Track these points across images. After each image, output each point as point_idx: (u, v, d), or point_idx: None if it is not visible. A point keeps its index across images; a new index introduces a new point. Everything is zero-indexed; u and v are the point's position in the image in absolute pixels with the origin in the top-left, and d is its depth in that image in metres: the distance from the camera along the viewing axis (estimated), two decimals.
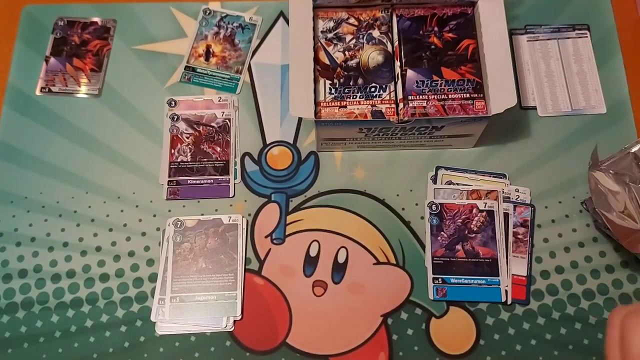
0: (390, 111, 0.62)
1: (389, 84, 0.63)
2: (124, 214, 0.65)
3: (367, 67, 0.63)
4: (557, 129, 0.68)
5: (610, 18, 0.73)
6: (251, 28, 0.73)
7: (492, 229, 0.63)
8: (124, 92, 0.71)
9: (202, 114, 0.69)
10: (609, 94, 0.69)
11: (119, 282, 0.63)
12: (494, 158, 0.67)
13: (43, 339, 0.61)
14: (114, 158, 0.68)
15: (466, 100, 0.61)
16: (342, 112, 0.61)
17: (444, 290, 0.62)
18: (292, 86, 0.60)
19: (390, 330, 0.61)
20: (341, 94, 0.62)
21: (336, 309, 0.61)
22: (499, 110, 0.59)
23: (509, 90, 0.59)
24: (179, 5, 0.74)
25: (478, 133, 0.64)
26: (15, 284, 0.63)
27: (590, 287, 0.62)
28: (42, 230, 0.65)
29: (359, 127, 0.61)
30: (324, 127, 0.61)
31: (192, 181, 0.66)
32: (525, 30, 0.72)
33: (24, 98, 0.70)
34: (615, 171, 0.59)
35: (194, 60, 0.72)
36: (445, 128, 0.62)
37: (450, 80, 0.62)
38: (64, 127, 0.69)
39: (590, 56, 0.71)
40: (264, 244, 0.64)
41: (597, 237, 0.64)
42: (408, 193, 0.66)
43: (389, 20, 0.66)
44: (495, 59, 0.61)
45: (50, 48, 0.72)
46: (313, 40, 0.62)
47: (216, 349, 0.60)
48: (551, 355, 0.60)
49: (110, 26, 0.73)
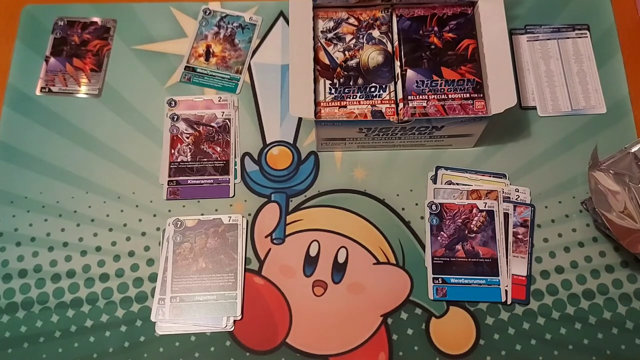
0: (390, 111, 0.62)
1: (389, 84, 0.63)
2: (124, 214, 0.65)
3: (367, 67, 0.63)
4: (557, 129, 0.68)
5: (610, 18, 0.73)
6: (251, 28, 0.73)
7: (492, 229, 0.63)
8: (124, 92, 0.71)
9: (202, 114, 0.69)
10: (608, 94, 0.69)
11: (119, 282, 0.63)
12: (494, 158, 0.67)
13: (43, 338, 0.61)
14: (114, 158, 0.68)
15: (466, 100, 0.61)
16: (342, 112, 0.61)
17: (444, 290, 0.62)
18: (292, 86, 0.60)
19: (390, 330, 0.61)
20: (341, 94, 0.62)
21: (336, 309, 0.61)
22: (499, 110, 0.59)
23: (509, 90, 0.59)
24: (179, 5, 0.74)
25: (478, 133, 0.64)
26: (15, 284, 0.63)
27: (590, 287, 0.62)
28: (42, 230, 0.65)
29: (359, 127, 0.61)
30: (324, 127, 0.61)
31: (192, 181, 0.66)
32: (525, 30, 0.72)
33: (24, 98, 0.70)
34: (615, 171, 0.59)
35: (194, 60, 0.72)
36: (445, 128, 0.62)
37: (450, 80, 0.62)
38: (64, 127, 0.69)
39: (590, 56, 0.71)
40: (264, 244, 0.64)
41: (597, 237, 0.64)
42: (408, 193, 0.66)
43: (389, 20, 0.66)
44: (495, 59, 0.61)
45: (50, 48, 0.72)
46: (313, 40, 0.62)
47: (216, 349, 0.60)
48: (551, 355, 0.60)
49: (110, 26, 0.73)
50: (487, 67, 0.61)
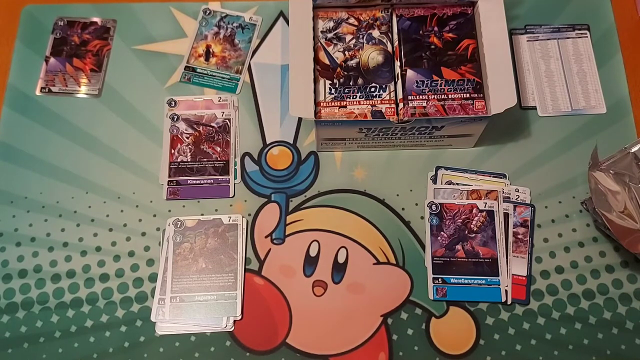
0: (390, 111, 0.62)
1: (389, 84, 0.63)
2: (124, 214, 0.65)
3: (367, 67, 0.63)
4: (557, 129, 0.68)
5: (610, 18, 0.73)
6: (251, 28, 0.73)
7: (492, 229, 0.63)
8: (124, 92, 0.71)
9: (202, 114, 0.69)
10: (608, 93, 0.69)
11: (119, 282, 0.63)
12: (494, 158, 0.67)
13: (43, 339, 0.61)
14: (114, 158, 0.68)
15: (466, 100, 0.61)
16: (342, 112, 0.61)
17: (444, 290, 0.62)
18: (292, 86, 0.59)
19: (390, 330, 0.61)
20: (341, 94, 0.62)
21: (336, 309, 0.61)
22: (499, 110, 0.59)
23: (509, 90, 0.59)
24: (179, 5, 0.74)
25: (478, 133, 0.64)
26: (15, 284, 0.63)
27: (590, 287, 0.62)
28: (42, 230, 0.65)
29: (359, 127, 0.61)
30: (324, 127, 0.61)
31: (192, 181, 0.66)
32: (525, 30, 0.72)
33: (24, 98, 0.70)
34: (615, 171, 0.59)
35: (194, 60, 0.72)
36: (445, 128, 0.62)
37: (450, 80, 0.62)
38: (64, 127, 0.69)
39: (590, 56, 0.71)
40: (264, 244, 0.64)
41: (597, 237, 0.64)
42: (408, 193, 0.66)
43: (389, 20, 0.66)
44: (495, 59, 0.61)
45: (50, 48, 0.72)
46: (313, 40, 0.62)
47: (216, 349, 0.60)
48: (551, 355, 0.60)
49: (110, 26, 0.73)
50: (487, 67, 0.61)
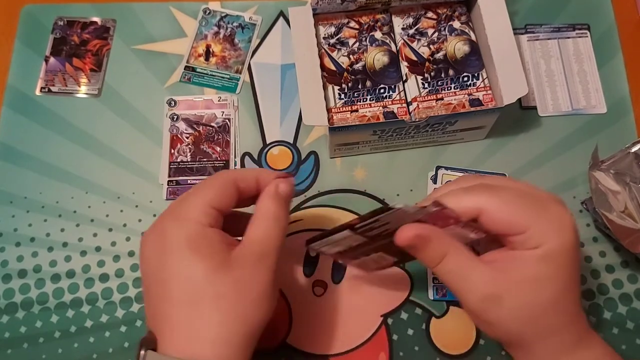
0: (402, 111, 0.62)
1: (397, 83, 0.63)
2: (124, 214, 0.65)
3: (374, 68, 0.63)
4: (557, 128, 0.68)
5: (611, 18, 0.73)
6: (251, 28, 0.73)
7: None
8: (124, 92, 0.70)
9: (202, 114, 0.69)
10: (609, 93, 0.69)
11: (119, 282, 0.63)
12: (493, 158, 0.67)
13: (43, 339, 0.61)
14: (114, 158, 0.68)
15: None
16: (354, 117, 0.61)
17: (444, 290, 0.61)
18: (302, 96, 0.59)
19: (390, 330, 0.60)
20: (351, 98, 0.62)
21: (336, 309, 0.61)
22: (511, 100, 0.59)
23: (519, 79, 0.60)
24: (178, 5, 0.74)
25: (490, 124, 0.64)
26: (14, 284, 0.63)
27: (590, 287, 0.62)
28: (41, 231, 0.65)
29: (372, 130, 0.61)
30: (338, 133, 0.60)
31: (192, 181, 0.66)
32: (525, 29, 0.72)
33: (24, 98, 0.70)
34: (616, 171, 0.59)
35: (194, 60, 0.72)
36: (459, 122, 0.62)
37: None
38: (63, 127, 0.69)
39: (591, 56, 0.71)
40: None
41: (597, 237, 0.64)
42: (408, 193, 0.66)
43: (389, 20, 0.66)
44: (502, 51, 0.61)
45: (49, 48, 0.72)
46: (317, 47, 0.62)
47: None
48: None
49: (110, 26, 0.73)
50: (494, 60, 0.61)
